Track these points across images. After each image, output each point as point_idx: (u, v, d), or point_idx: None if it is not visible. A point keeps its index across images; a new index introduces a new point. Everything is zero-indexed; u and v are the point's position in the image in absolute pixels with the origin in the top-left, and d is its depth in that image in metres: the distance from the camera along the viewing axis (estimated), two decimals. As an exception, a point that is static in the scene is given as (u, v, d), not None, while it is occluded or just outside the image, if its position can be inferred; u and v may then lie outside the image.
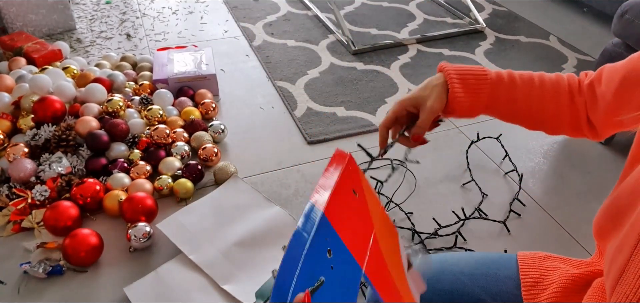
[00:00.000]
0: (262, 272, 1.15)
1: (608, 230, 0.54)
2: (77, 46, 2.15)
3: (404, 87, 1.94)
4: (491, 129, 1.71)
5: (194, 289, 1.11)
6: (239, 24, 2.39)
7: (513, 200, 1.42)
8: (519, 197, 1.43)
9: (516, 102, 0.68)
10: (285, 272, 0.38)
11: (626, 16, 1.54)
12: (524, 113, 0.69)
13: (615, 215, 0.53)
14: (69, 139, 1.42)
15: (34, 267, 1.12)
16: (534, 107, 0.68)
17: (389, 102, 1.84)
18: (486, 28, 2.42)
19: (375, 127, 1.71)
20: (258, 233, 1.24)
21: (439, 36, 2.32)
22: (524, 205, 1.41)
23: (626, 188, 0.53)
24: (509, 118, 0.70)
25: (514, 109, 0.69)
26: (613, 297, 0.50)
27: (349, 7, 2.60)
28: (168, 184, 1.36)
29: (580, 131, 0.69)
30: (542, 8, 2.70)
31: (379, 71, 2.05)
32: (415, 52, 2.20)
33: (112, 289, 1.12)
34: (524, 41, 2.35)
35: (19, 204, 1.28)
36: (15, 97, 1.55)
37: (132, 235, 1.19)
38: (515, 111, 0.69)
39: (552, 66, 2.14)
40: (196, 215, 1.28)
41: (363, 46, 2.19)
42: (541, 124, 0.70)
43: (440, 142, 1.67)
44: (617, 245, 0.52)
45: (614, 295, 0.50)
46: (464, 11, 2.54)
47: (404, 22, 2.47)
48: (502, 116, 0.70)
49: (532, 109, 0.68)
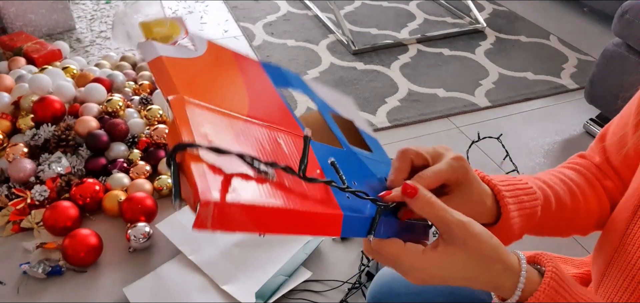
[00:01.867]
0: (262, 272, 1.15)
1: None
2: (76, 45, 2.15)
3: (404, 87, 1.94)
4: (491, 129, 1.71)
5: (193, 289, 1.11)
6: (238, 24, 2.38)
7: (513, 200, 1.42)
8: (519, 197, 1.43)
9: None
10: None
11: (626, 16, 1.53)
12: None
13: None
14: (68, 139, 1.41)
15: (33, 267, 1.12)
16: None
17: (389, 102, 1.84)
18: (486, 28, 2.42)
19: (375, 127, 1.71)
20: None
21: (439, 36, 2.32)
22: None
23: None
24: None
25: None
26: (597, 297, 0.50)
27: (349, 7, 2.60)
28: (168, 184, 1.36)
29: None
30: (542, 8, 2.70)
31: (379, 71, 2.05)
32: (416, 52, 2.20)
33: (112, 289, 1.12)
34: (524, 41, 2.34)
35: (19, 204, 1.27)
36: (14, 97, 1.54)
37: (131, 235, 1.19)
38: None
39: (552, 66, 2.13)
40: (196, 215, 1.28)
41: (363, 46, 2.18)
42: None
43: (441, 142, 1.67)
44: (597, 246, 0.52)
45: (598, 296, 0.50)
46: (464, 11, 2.53)
47: (404, 22, 2.47)
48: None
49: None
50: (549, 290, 0.41)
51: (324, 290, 1.15)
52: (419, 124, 1.75)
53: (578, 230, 0.61)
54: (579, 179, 0.60)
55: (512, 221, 0.49)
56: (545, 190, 0.56)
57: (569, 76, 2.08)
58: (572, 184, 0.59)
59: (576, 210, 0.58)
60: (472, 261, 0.41)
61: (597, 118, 1.75)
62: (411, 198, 0.42)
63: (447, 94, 1.92)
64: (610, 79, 1.61)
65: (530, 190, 0.52)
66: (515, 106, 1.88)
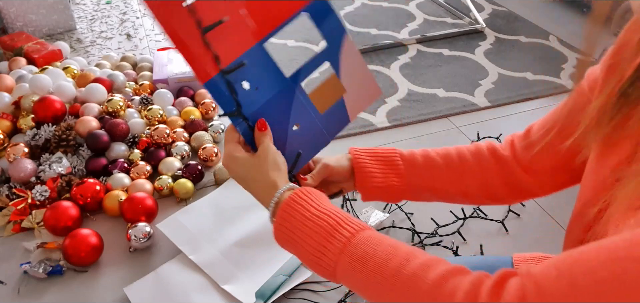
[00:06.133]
0: (262, 272, 1.15)
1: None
2: (77, 46, 2.15)
3: (404, 88, 1.94)
4: (491, 129, 1.71)
5: (194, 289, 1.11)
6: (239, 24, 2.38)
7: (513, 200, 1.43)
8: (519, 197, 1.43)
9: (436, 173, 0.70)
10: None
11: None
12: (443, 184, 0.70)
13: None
14: (69, 139, 1.42)
15: (34, 267, 1.13)
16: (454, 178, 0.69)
17: (389, 103, 1.85)
18: (486, 28, 2.42)
19: (375, 127, 1.71)
20: (258, 233, 1.24)
21: (439, 36, 2.32)
22: (523, 204, 1.41)
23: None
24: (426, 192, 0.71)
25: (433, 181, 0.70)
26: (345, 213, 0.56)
27: (349, 7, 2.60)
28: (168, 184, 1.36)
29: (517, 188, 0.69)
30: (542, 8, 2.70)
31: (379, 71, 2.05)
32: (415, 53, 2.20)
33: (112, 289, 1.13)
34: (524, 41, 2.35)
35: (19, 204, 1.28)
36: (15, 98, 1.55)
37: (132, 235, 1.19)
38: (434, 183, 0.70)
39: (552, 66, 2.14)
40: (196, 215, 1.28)
41: (363, 46, 2.19)
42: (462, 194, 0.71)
43: (440, 142, 1.67)
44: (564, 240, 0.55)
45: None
46: (464, 11, 2.54)
47: (404, 22, 2.47)
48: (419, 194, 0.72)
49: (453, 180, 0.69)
50: (291, 201, 0.54)
51: (324, 290, 1.15)
52: (418, 125, 1.75)
53: (462, 192, 0.70)
54: (466, 149, 0.70)
55: (362, 162, 0.68)
56: (413, 151, 0.70)
57: (568, 76, 2.08)
58: (450, 150, 0.70)
59: (449, 169, 0.69)
60: (249, 164, 0.58)
61: (597, 118, 1.75)
62: (258, 130, 0.60)
63: (447, 94, 1.92)
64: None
65: (389, 149, 0.70)
66: (515, 107, 1.89)
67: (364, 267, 0.47)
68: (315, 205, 0.53)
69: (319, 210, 0.52)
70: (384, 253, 0.47)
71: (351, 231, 0.50)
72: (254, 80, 0.59)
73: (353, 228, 0.50)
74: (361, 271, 0.47)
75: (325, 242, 0.50)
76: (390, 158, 0.69)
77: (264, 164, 0.57)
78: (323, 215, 0.51)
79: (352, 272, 0.48)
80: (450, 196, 0.70)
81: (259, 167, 0.57)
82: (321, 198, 0.54)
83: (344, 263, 0.49)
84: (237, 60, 0.57)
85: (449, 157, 0.69)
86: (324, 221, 0.51)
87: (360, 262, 0.48)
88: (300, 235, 0.52)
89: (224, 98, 0.57)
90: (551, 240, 1.31)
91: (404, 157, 0.69)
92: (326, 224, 0.51)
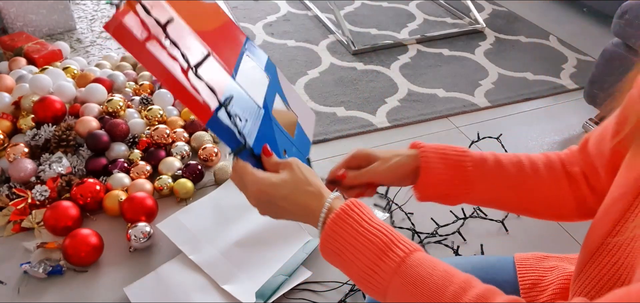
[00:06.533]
0: (262, 272, 1.15)
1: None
2: (77, 46, 2.15)
3: (404, 88, 1.94)
4: (491, 129, 1.71)
5: (194, 289, 1.11)
6: (239, 24, 2.39)
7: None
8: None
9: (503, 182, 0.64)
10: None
11: (626, 16, 1.54)
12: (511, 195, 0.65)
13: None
14: (69, 139, 1.42)
15: (34, 267, 1.13)
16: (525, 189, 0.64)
17: (389, 103, 1.85)
18: (486, 28, 2.42)
19: (375, 127, 1.71)
20: (258, 233, 1.24)
21: (439, 36, 2.32)
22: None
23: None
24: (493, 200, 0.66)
25: (499, 191, 0.65)
26: (570, 290, 0.51)
27: (349, 7, 2.60)
28: (168, 184, 1.36)
29: (585, 206, 0.64)
30: (542, 8, 2.70)
31: (379, 71, 2.05)
32: (415, 52, 2.20)
33: (112, 289, 1.13)
34: (524, 41, 2.35)
35: (19, 204, 1.28)
36: (15, 98, 1.55)
37: (132, 235, 1.19)
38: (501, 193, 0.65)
39: (552, 66, 2.14)
40: (196, 215, 1.28)
41: (363, 46, 2.19)
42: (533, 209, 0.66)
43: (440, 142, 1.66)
44: (584, 240, 0.53)
45: (571, 293, 0.50)
46: (464, 11, 2.54)
47: (404, 22, 2.47)
48: (484, 200, 0.66)
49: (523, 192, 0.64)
50: (342, 213, 0.51)
51: (324, 291, 1.15)
52: (418, 124, 1.75)
53: (528, 206, 0.65)
54: (539, 159, 0.65)
55: (432, 163, 0.63)
56: (484, 154, 0.65)
57: (568, 76, 2.08)
58: (523, 159, 0.65)
59: (521, 180, 0.64)
60: (292, 178, 0.55)
61: (597, 118, 1.75)
62: (266, 156, 0.58)
63: (447, 94, 1.92)
64: (609, 80, 1.62)
65: (459, 148, 0.64)
66: (515, 106, 1.89)
67: (417, 290, 0.46)
68: (367, 219, 0.51)
69: (370, 225, 0.50)
70: (439, 279, 0.46)
71: (405, 251, 0.48)
72: (240, 112, 0.59)
73: (407, 249, 0.49)
74: (414, 294, 0.46)
75: (377, 261, 0.49)
76: (460, 161, 0.63)
77: (301, 175, 0.55)
78: (375, 232, 0.50)
79: (404, 295, 0.47)
80: (512, 207, 0.66)
81: (298, 181, 0.55)
82: (371, 212, 0.52)
83: (397, 285, 0.48)
84: (227, 93, 0.58)
85: (521, 167, 0.64)
86: (376, 239, 0.49)
87: (414, 285, 0.47)
88: (352, 251, 0.50)
89: (229, 134, 0.56)
90: (551, 239, 1.31)
91: (475, 162, 0.64)
92: (379, 241, 0.49)
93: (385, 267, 0.48)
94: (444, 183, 0.63)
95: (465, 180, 0.63)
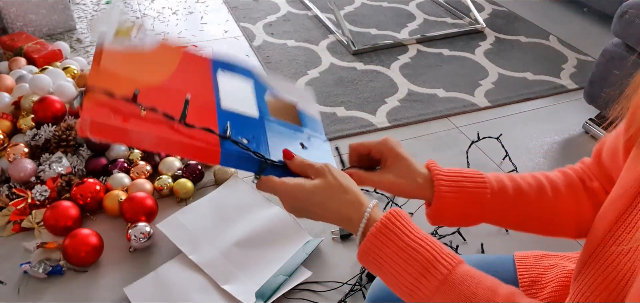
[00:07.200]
0: (262, 272, 1.15)
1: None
2: (77, 46, 2.15)
3: (404, 88, 1.94)
4: (491, 129, 1.71)
5: (194, 289, 1.11)
6: (239, 24, 2.39)
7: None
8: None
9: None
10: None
11: (626, 16, 1.54)
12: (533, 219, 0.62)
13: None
14: (69, 139, 1.42)
15: (34, 267, 1.13)
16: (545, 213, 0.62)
17: (389, 102, 1.85)
18: (486, 28, 2.42)
19: (375, 127, 1.71)
20: (258, 233, 1.24)
21: (439, 36, 2.32)
22: (524, 205, 1.41)
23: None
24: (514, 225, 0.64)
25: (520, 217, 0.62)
26: (570, 291, 0.51)
27: (349, 7, 2.60)
28: (168, 184, 1.36)
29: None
30: (542, 8, 2.70)
31: (379, 71, 2.05)
32: (415, 52, 2.20)
33: (112, 289, 1.12)
34: (524, 41, 2.35)
35: (19, 204, 1.28)
36: (15, 98, 1.55)
37: (132, 235, 1.19)
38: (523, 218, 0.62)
39: (552, 66, 2.14)
40: (196, 215, 1.28)
41: (363, 46, 2.19)
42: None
43: (440, 142, 1.67)
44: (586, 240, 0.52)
45: (571, 293, 0.50)
46: (464, 11, 2.54)
47: (404, 22, 2.47)
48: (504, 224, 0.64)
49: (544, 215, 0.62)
50: (383, 227, 0.50)
51: (324, 291, 1.15)
52: (418, 124, 1.75)
53: (551, 229, 0.63)
54: (558, 179, 0.62)
55: (446, 200, 0.59)
56: (503, 181, 0.61)
57: (568, 76, 2.08)
58: (544, 182, 0.62)
59: (542, 205, 0.61)
60: (327, 186, 0.54)
61: (597, 118, 1.75)
62: (288, 160, 0.57)
63: (447, 94, 1.92)
64: (609, 79, 1.62)
65: (477, 177, 0.60)
66: (515, 106, 1.89)
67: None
68: (408, 232, 0.50)
69: (412, 238, 0.50)
70: (484, 296, 0.46)
71: (448, 266, 0.48)
72: (245, 134, 0.58)
73: (450, 263, 0.48)
74: None
75: (420, 277, 0.48)
76: (478, 190, 0.60)
77: (335, 182, 0.54)
78: (418, 245, 0.49)
79: None
80: (532, 231, 0.64)
81: (333, 188, 0.54)
82: (411, 222, 0.52)
83: (440, 301, 0.48)
84: (222, 123, 0.57)
85: (541, 191, 0.61)
86: (419, 254, 0.49)
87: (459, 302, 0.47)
88: (393, 265, 0.49)
89: (245, 159, 0.56)
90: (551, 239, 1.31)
91: (493, 192, 0.60)
92: (422, 257, 0.49)
93: (428, 284, 0.48)
94: (460, 215, 0.61)
95: (482, 210, 0.61)
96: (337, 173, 0.55)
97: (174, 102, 0.55)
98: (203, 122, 0.56)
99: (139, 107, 0.53)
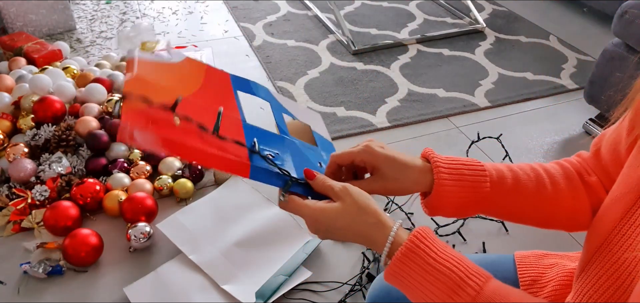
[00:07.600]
0: (262, 272, 1.15)
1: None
2: (77, 46, 2.15)
3: (404, 88, 1.94)
4: (491, 129, 1.71)
5: (194, 289, 1.11)
6: (239, 24, 2.39)
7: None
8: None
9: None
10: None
11: (626, 16, 1.54)
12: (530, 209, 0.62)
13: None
14: (69, 139, 1.42)
15: (34, 267, 1.13)
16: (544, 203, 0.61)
17: (389, 102, 1.85)
18: (486, 28, 2.42)
19: (375, 127, 1.71)
20: (258, 233, 1.24)
21: (439, 36, 2.32)
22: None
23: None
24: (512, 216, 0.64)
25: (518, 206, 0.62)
26: (573, 289, 0.51)
27: (349, 7, 2.60)
28: (168, 184, 1.36)
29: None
30: (542, 8, 2.70)
31: (379, 71, 2.05)
32: (415, 52, 2.20)
33: (112, 289, 1.12)
34: (524, 41, 2.35)
35: (19, 204, 1.28)
36: (15, 97, 1.55)
37: (132, 235, 1.19)
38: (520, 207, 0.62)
39: (551, 66, 2.14)
40: (196, 215, 1.28)
41: (363, 46, 2.19)
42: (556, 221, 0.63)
43: (441, 142, 1.67)
44: (586, 236, 0.52)
45: (573, 291, 0.50)
46: (464, 11, 2.54)
47: (404, 22, 2.47)
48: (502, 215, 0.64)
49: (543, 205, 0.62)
50: (409, 250, 0.50)
51: (324, 291, 1.15)
52: (418, 124, 1.75)
53: (547, 221, 0.63)
54: (557, 172, 0.62)
55: (446, 188, 0.57)
56: (502, 171, 0.60)
57: (568, 76, 2.08)
58: (542, 174, 0.61)
59: (541, 197, 0.60)
60: (348, 211, 0.53)
61: (597, 118, 1.75)
62: (311, 179, 0.57)
63: (447, 94, 1.92)
64: (609, 79, 1.62)
65: (476, 166, 0.59)
66: (515, 106, 1.89)
67: None
68: (435, 252, 0.49)
69: (440, 259, 0.49)
70: None
71: (478, 284, 0.48)
72: (269, 149, 0.59)
73: (479, 281, 0.48)
74: None
75: (448, 299, 0.48)
76: (477, 183, 0.59)
77: (356, 206, 0.53)
78: (445, 267, 0.49)
79: None
80: (530, 223, 0.64)
81: (354, 212, 0.53)
82: (437, 240, 0.51)
83: None
84: (249, 137, 0.58)
85: (540, 183, 0.61)
86: (446, 276, 0.48)
87: None
88: (421, 289, 0.49)
89: (273, 175, 0.56)
90: (552, 239, 1.31)
91: (493, 182, 0.59)
92: (450, 280, 0.48)
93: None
94: (458, 205, 0.60)
95: (481, 200, 0.60)
96: (357, 195, 0.54)
97: (205, 114, 0.56)
98: (232, 136, 0.57)
99: (174, 116, 0.53)
